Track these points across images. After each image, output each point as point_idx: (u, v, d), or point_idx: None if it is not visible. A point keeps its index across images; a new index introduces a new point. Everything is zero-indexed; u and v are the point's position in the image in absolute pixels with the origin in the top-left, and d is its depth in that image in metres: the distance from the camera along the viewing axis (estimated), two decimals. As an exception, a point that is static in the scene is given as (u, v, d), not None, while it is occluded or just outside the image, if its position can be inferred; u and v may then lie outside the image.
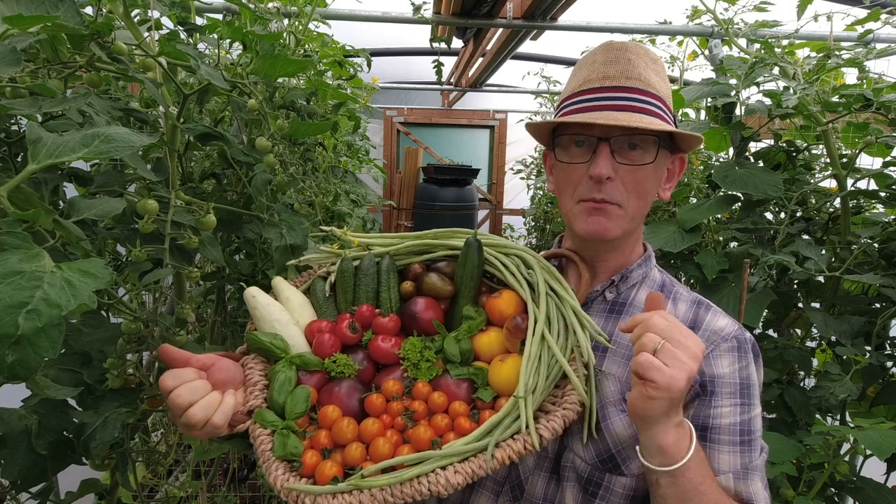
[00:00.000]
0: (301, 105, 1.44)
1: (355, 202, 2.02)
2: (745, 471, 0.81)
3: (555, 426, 0.74)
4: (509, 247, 0.94)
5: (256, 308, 0.89)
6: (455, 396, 0.82)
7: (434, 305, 0.92)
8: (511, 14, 2.32)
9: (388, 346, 0.87)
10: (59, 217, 0.70)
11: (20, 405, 0.91)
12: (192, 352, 1.00)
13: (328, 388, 0.84)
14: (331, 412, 0.80)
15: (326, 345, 0.87)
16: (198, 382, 0.76)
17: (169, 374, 0.75)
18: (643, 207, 0.87)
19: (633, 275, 0.93)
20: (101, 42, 0.85)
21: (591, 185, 0.84)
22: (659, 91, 0.85)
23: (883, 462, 1.45)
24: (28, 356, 0.49)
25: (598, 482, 0.84)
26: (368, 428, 0.78)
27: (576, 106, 0.86)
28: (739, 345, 0.86)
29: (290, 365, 0.84)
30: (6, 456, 0.84)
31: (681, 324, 0.72)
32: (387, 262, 0.95)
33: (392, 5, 2.28)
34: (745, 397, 0.84)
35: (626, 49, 0.86)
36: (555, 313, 0.84)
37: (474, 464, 0.71)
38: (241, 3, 1.33)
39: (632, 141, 0.82)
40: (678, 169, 0.93)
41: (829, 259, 1.65)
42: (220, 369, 0.81)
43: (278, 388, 0.80)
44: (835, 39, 2.03)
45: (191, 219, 1.02)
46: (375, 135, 5.94)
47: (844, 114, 1.65)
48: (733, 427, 0.82)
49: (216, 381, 0.79)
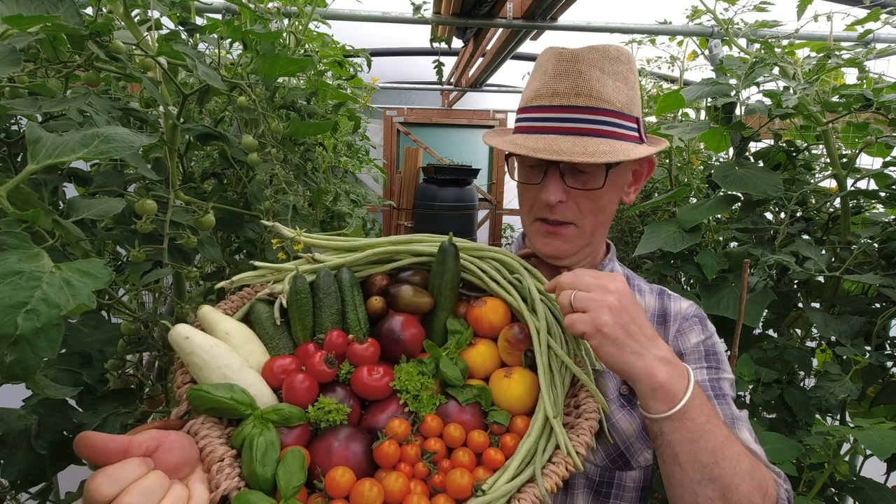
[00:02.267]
0: (301, 105, 1.44)
1: (355, 202, 2.02)
2: (731, 420, 0.82)
3: (586, 440, 0.69)
4: (483, 249, 0.87)
5: (194, 353, 0.69)
6: (469, 425, 0.72)
7: (414, 322, 0.80)
8: (511, 14, 2.32)
9: (378, 379, 0.73)
10: (59, 217, 0.70)
11: (20, 405, 0.91)
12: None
13: (322, 445, 0.68)
14: (340, 476, 0.64)
15: (301, 389, 0.70)
16: (149, 479, 0.54)
17: (103, 478, 0.51)
18: (602, 221, 0.88)
19: (604, 270, 0.96)
20: (100, 42, 0.85)
21: (544, 206, 0.84)
22: (612, 103, 0.81)
23: (883, 462, 1.45)
24: (27, 356, 0.49)
25: (609, 482, 0.85)
26: (392, 486, 0.64)
27: (527, 124, 0.85)
28: (700, 320, 0.93)
29: (266, 423, 0.65)
30: (6, 456, 0.84)
31: (586, 270, 0.73)
32: (347, 277, 0.80)
33: (392, 5, 2.28)
34: (711, 361, 0.89)
35: (577, 59, 0.82)
36: (551, 319, 0.80)
37: (526, 501, 0.63)
38: (241, 3, 1.33)
39: (580, 165, 0.82)
40: (646, 170, 0.93)
41: (829, 259, 1.65)
42: (170, 450, 0.59)
43: (261, 459, 0.61)
44: (835, 39, 2.03)
45: (190, 219, 1.02)
46: (375, 135, 5.94)
47: (844, 114, 1.65)
48: (703, 383, 0.85)
49: (168, 468, 0.58)
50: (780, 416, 1.74)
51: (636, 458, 0.84)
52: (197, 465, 0.62)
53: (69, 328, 0.93)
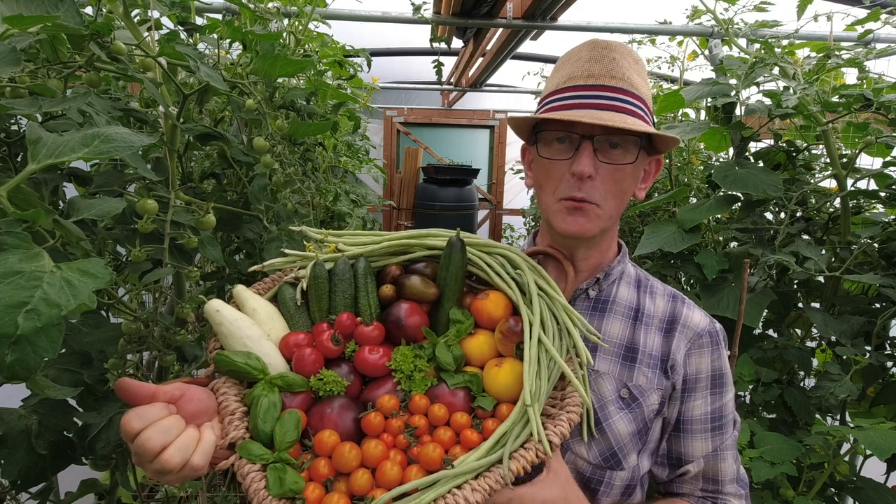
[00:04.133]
0: (301, 105, 1.44)
1: (355, 202, 2.02)
2: (715, 452, 0.90)
3: (562, 430, 0.73)
4: (491, 245, 0.92)
5: (222, 324, 0.80)
6: (454, 407, 0.79)
7: (419, 310, 0.86)
8: (511, 14, 2.32)
9: (377, 358, 0.81)
10: (59, 217, 0.70)
11: (20, 405, 0.91)
12: (191, 351, 1.00)
13: (318, 410, 0.77)
14: (327, 437, 0.73)
15: (309, 361, 0.79)
16: (169, 420, 0.66)
17: (133, 415, 0.64)
18: (619, 208, 0.88)
19: (613, 272, 0.96)
20: (100, 42, 0.85)
21: (572, 182, 0.84)
22: (641, 92, 0.85)
23: (883, 462, 1.45)
24: (27, 356, 0.49)
25: (599, 479, 0.87)
26: (371, 451, 0.72)
27: (560, 103, 0.86)
28: (712, 338, 0.92)
29: (272, 387, 0.75)
30: (6, 456, 0.84)
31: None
32: (363, 266, 0.89)
33: (392, 5, 2.28)
34: (717, 387, 0.91)
35: (611, 48, 0.86)
36: (547, 314, 0.83)
37: (490, 479, 0.67)
38: (241, 3, 1.33)
39: (613, 140, 0.83)
40: (654, 170, 0.94)
41: (829, 259, 1.65)
42: (191, 400, 0.71)
43: (263, 416, 0.71)
44: (835, 39, 2.03)
45: (190, 219, 1.02)
46: (375, 135, 5.94)
47: (844, 114, 1.65)
48: (705, 417, 0.90)
49: (187, 414, 0.69)
50: (780, 416, 1.75)
51: (627, 459, 0.86)
52: (214, 416, 0.73)
53: (69, 328, 0.93)
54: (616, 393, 0.87)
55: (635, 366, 0.89)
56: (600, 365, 0.89)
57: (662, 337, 0.91)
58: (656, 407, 0.88)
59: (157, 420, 0.65)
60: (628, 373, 0.88)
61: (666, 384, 0.89)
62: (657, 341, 0.91)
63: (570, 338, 0.81)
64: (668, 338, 0.91)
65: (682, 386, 0.89)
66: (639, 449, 0.88)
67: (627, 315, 0.93)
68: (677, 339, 0.91)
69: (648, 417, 0.87)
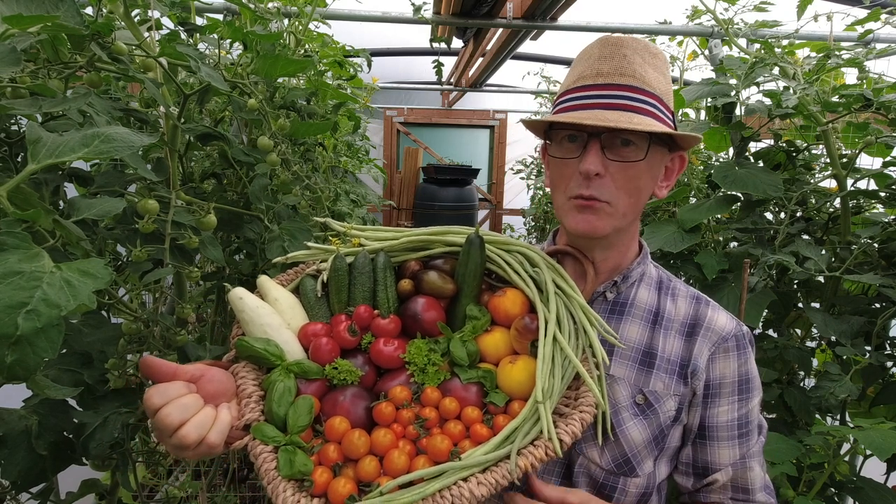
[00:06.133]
0: (301, 105, 1.44)
1: (355, 202, 2.02)
2: (743, 460, 0.87)
3: (574, 430, 0.72)
4: (511, 243, 0.92)
5: (244, 311, 0.83)
6: (466, 402, 0.79)
7: (436, 305, 0.87)
8: (511, 14, 2.32)
9: (391, 350, 0.82)
10: (59, 217, 0.70)
11: (20, 405, 0.91)
12: (193, 352, 1.00)
13: (331, 398, 0.79)
14: (338, 424, 0.74)
15: (325, 350, 0.81)
16: (188, 398, 0.68)
17: (154, 391, 0.67)
18: (635, 205, 0.86)
19: (632, 274, 0.93)
20: (101, 42, 0.85)
21: (581, 181, 0.83)
22: (654, 87, 0.83)
23: (883, 462, 1.45)
24: (27, 356, 0.49)
25: (613, 486, 0.85)
26: (380, 439, 0.73)
27: (570, 103, 0.85)
28: (738, 342, 0.88)
29: (288, 373, 0.78)
30: (6, 456, 0.84)
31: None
32: (383, 260, 0.90)
33: (392, 5, 2.28)
34: (743, 392, 0.87)
35: (622, 44, 0.84)
36: (564, 312, 0.82)
37: (497, 474, 0.67)
38: (241, 3, 1.33)
39: (624, 138, 0.82)
40: (677, 167, 0.92)
41: (829, 259, 1.65)
42: (211, 381, 0.74)
43: (278, 400, 0.74)
44: (835, 39, 2.03)
45: (191, 219, 1.02)
46: (375, 135, 5.94)
47: (844, 114, 1.65)
48: (731, 423, 0.87)
49: (206, 394, 0.72)
50: (780, 416, 1.75)
51: (641, 466, 0.84)
52: (232, 397, 0.76)
53: (70, 328, 0.93)
54: (631, 399, 0.85)
55: (652, 371, 0.87)
56: (615, 370, 0.87)
57: (683, 341, 0.89)
58: (673, 414, 0.86)
59: (177, 397, 0.67)
60: (644, 378, 0.86)
61: (684, 390, 0.86)
62: (677, 345, 0.88)
63: (587, 337, 0.80)
64: (689, 342, 0.89)
65: (705, 391, 0.87)
66: (655, 456, 0.86)
67: (646, 318, 0.91)
68: (700, 344, 0.88)
69: (665, 424, 0.85)
